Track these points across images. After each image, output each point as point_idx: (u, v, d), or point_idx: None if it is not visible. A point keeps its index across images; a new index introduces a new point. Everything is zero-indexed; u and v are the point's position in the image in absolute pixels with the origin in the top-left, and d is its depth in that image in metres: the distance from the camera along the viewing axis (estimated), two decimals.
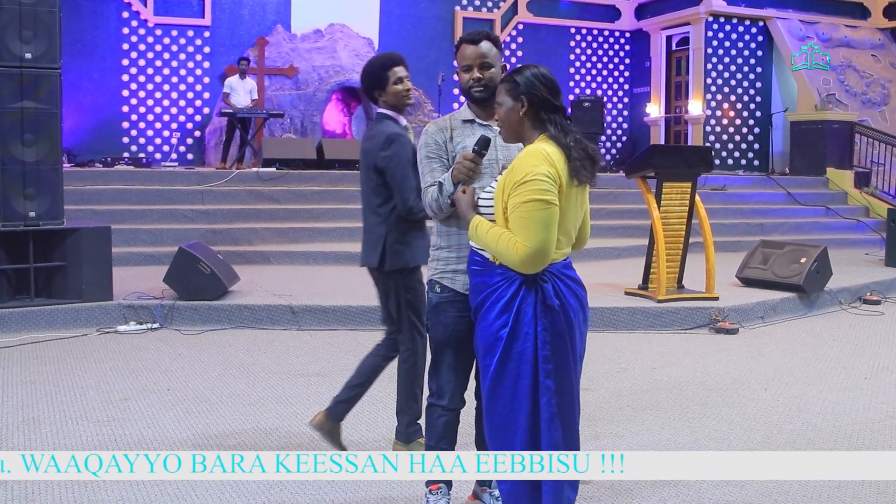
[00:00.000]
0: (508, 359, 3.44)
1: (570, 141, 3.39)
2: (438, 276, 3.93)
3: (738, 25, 19.54)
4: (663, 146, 16.96)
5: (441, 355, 3.94)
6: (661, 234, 8.95)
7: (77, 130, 16.10)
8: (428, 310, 4.02)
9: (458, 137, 3.91)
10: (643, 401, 6.23)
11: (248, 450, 5.05)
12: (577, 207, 3.48)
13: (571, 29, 20.95)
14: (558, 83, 3.53)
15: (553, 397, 3.39)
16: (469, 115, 3.98)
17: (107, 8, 16.89)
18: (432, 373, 3.99)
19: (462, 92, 4.02)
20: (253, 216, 12.71)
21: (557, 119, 3.46)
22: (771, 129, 19.57)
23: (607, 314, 8.64)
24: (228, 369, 6.94)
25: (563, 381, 3.41)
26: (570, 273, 3.52)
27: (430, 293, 3.98)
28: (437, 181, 3.77)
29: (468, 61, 3.95)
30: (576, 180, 3.37)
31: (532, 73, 3.50)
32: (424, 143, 3.93)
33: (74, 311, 8.29)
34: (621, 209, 14.31)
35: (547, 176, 3.29)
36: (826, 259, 9.88)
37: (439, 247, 3.95)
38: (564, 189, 3.34)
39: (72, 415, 5.67)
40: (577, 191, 3.44)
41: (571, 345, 3.44)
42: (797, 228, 15.15)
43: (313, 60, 18.00)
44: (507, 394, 3.44)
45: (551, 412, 3.39)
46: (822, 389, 6.57)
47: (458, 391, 3.98)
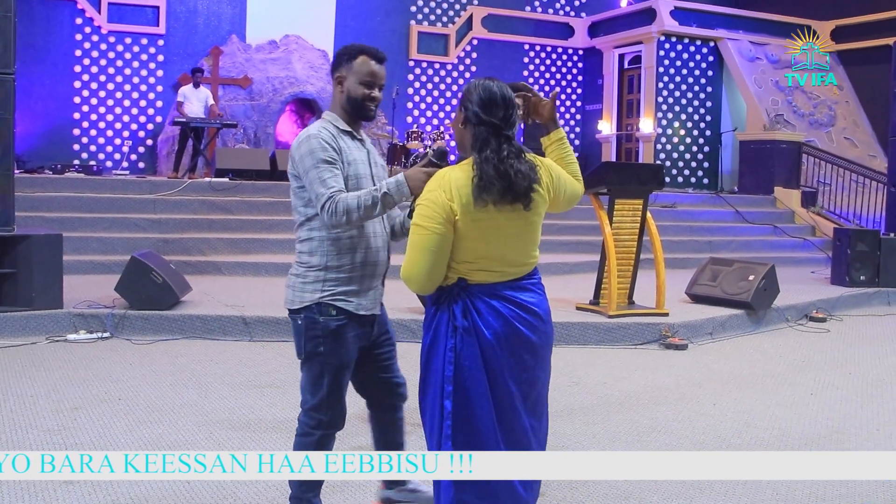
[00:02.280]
0: (428, 373, 3.47)
1: (483, 158, 3.30)
2: (330, 299, 3.81)
3: (690, 45, 19.82)
4: (616, 163, 17.10)
5: (336, 382, 3.86)
6: (612, 250, 9.05)
7: (27, 136, 15.93)
8: (317, 335, 3.81)
9: (346, 149, 3.85)
10: (594, 415, 6.29)
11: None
12: (506, 229, 3.36)
13: (525, 45, 21.13)
14: (502, 97, 3.39)
15: (448, 419, 3.35)
16: (344, 125, 3.92)
17: (60, 14, 16.76)
18: (325, 402, 3.85)
19: (351, 103, 3.89)
20: (205, 226, 12.63)
21: (482, 133, 3.36)
22: (720, 147, 19.88)
23: (559, 329, 8.67)
24: (180, 379, 6.91)
25: (464, 406, 3.33)
26: (513, 296, 3.41)
27: (320, 317, 3.80)
28: (372, 190, 3.65)
29: (371, 78, 3.88)
30: (479, 201, 3.26)
31: (472, 85, 3.45)
32: (321, 146, 3.74)
33: (24, 319, 8.19)
34: (573, 225, 14.41)
35: (432, 202, 3.29)
36: (773, 277, 10.04)
37: (325, 266, 3.81)
38: (468, 212, 3.27)
39: (21, 423, 5.61)
40: (507, 212, 3.32)
41: (491, 371, 3.35)
42: (745, 246, 15.36)
43: (268, 71, 17.98)
44: (428, 405, 3.47)
45: (446, 433, 3.36)
46: (769, 405, 6.68)
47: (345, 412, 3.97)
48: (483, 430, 3.34)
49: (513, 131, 3.43)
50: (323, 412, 3.86)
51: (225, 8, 18.12)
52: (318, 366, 3.82)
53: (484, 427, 3.34)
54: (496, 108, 3.38)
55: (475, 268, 3.37)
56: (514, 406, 3.38)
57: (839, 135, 19.83)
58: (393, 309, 8.75)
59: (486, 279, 3.39)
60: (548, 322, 3.50)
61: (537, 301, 3.47)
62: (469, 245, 3.33)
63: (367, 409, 4.26)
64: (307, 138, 3.77)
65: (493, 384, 3.35)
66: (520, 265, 3.45)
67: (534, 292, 3.47)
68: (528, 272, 3.48)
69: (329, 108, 4.00)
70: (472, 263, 3.37)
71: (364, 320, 3.92)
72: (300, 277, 3.84)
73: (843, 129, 19.97)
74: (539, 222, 3.48)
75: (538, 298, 3.48)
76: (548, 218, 3.76)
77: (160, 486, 4.58)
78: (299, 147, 3.78)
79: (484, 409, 3.34)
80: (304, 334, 3.82)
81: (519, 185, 3.29)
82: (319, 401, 3.85)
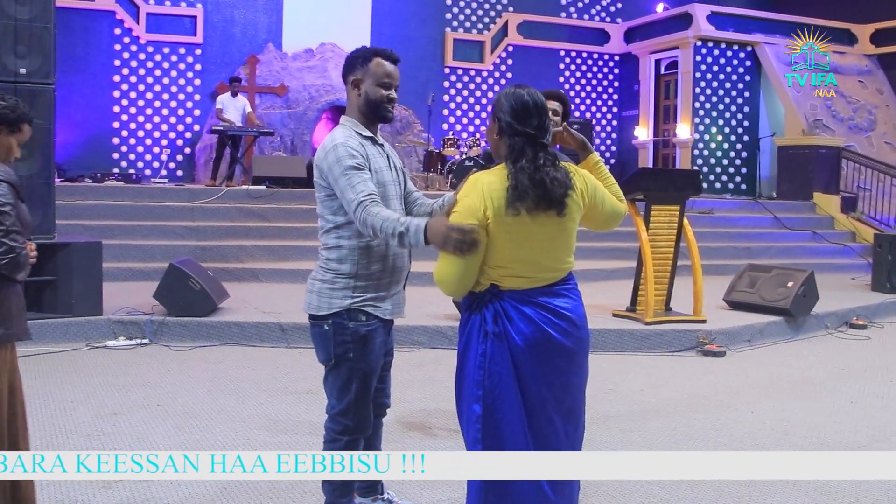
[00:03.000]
0: (461, 377, 3.50)
1: (519, 168, 3.30)
2: (361, 305, 3.82)
3: (727, 50, 19.68)
4: (652, 169, 17.05)
5: (364, 387, 3.87)
6: (649, 257, 9.01)
7: (67, 146, 16.11)
8: (346, 341, 3.82)
9: (371, 157, 3.85)
10: (630, 422, 6.26)
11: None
12: (540, 235, 3.36)
13: (561, 52, 21.08)
14: (535, 105, 3.38)
15: (478, 423, 3.37)
16: (366, 131, 3.92)
17: (99, 24, 16.95)
18: (352, 407, 3.87)
19: (369, 105, 3.90)
20: (242, 233, 12.71)
21: (517, 143, 3.36)
22: (758, 153, 19.71)
23: (595, 336, 8.64)
24: (217, 385, 6.95)
25: (494, 411, 3.35)
26: (546, 301, 3.41)
27: (350, 323, 3.81)
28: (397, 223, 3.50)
29: (388, 79, 3.91)
30: (511, 209, 3.27)
31: (503, 94, 3.45)
32: (349, 154, 3.73)
33: (64, 326, 8.28)
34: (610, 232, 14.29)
35: (465, 207, 3.32)
36: (813, 283, 9.95)
37: (355, 274, 3.81)
38: (500, 218, 3.29)
39: (62, 429, 5.67)
40: (541, 218, 3.33)
41: (522, 376, 3.35)
42: (784, 252, 15.22)
43: (304, 79, 18.07)
44: (463, 409, 3.49)
45: (476, 437, 3.38)
46: (808, 413, 6.62)
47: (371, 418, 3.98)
48: (512, 434, 3.35)
49: (548, 138, 3.42)
50: (350, 417, 3.87)
51: (261, 17, 18.24)
52: (347, 371, 3.84)
53: (513, 431, 3.35)
54: (530, 118, 3.38)
55: (507, 273, 3.38)
56: (546, 411, 3.38)
57: (879, 139, 19.62)
58: (430, 315, 8.84)
59: (518, 285, 3.39)
60: (582, 327, 3.49)
61: (571, 306, 3.46)
62: (501, 250, 3.34)
63: None
64: (334, 147, 3.77)
65: (524, 389, 3.36)
66: (553, 271, 3.45)
67: (568, 297, 3.47)
68: (562, 277, 3.47)
69: (346, 114, 3.99)
70: (504, 269, 3.37)
71: (389, 326, 3.96)
72: (328, 283, 3.84)
73: (883, 133, 19.74)
74: (574, 228, 3.47)
75: (572, 304, 3.47)
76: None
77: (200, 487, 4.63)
78: (326, 157, 3.77)
79: (514, 414, 3.34)
80: (332, 339, 3.83)
81: (555, 192, 3.30)
82: (346, 406, 3.86)
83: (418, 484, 4.81)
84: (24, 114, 3.89)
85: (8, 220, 3.63)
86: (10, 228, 3.63)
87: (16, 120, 3.85)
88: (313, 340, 3.93)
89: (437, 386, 6.98)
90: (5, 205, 3.63)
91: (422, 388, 6.97)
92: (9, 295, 3.73)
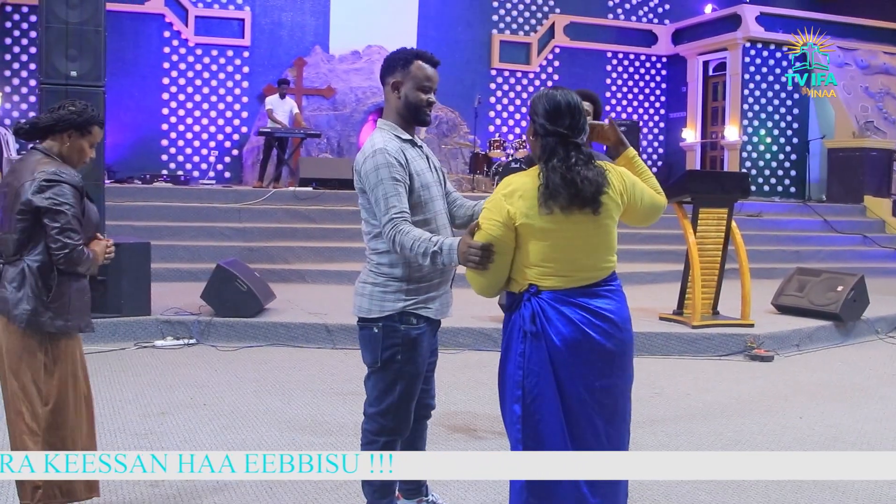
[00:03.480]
0: (503, 377, 3.55)
1: (550, 167, 3.33)
2: (413, 308, 3.81)
3: (776, 51, 19.48)
4: (700, 171, 16.92)
5: (409, 390, 3.86)
6: (696, 260, 8.93)
7: (117, 147, 16.30)
8: (396, 343, 3.80)
9: (411, 160, 3.83)
10: (677, 427, 6.21)
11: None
12: (576, 235, 3.37)
13: (608, 53, 20.98)
14: (567, 105, 3.40)
15: (518, 423, 3.38)
16: (405, 134, 3.90)
17: (149, 27, 17.16)
18: (392, 407, 3.86)
19: (409, 109, 3.88)
20: (289, 235, 12.79)
21: (549, 143, 3.39)
22: (808, 155, 19.47)
23: (641, 339, 8.59)
24: (264, 386, 6.99)
25: (533, 411, 3.36)
26: (586, 302, 3.39)
27: (401, 326, 3.80)
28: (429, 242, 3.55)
29: (428, 83, 3.89)
30: (544, 208, 3.30)
31: (537, 96, 3.48)
32: (387, 162, 3.72)
33: (113, 326, 8.38)
34: (657, 234, 14.26)
35: (493, 206, 3.40)
36: (863, 287, 9.81)
37: (408, 278, 3.80)
38: (532, 218, 3.32)
39: (110, 427, 5.73)
40: (576, 217, 3.34)
41: (560, 377, 3.35)
42: (834, 256, 15.03)
43: (351, 81, 18.15)
44: (506, 410, 3.51)
45: (517, 437, 3.39)
46: (857, 419, 6.53)
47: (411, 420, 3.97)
48: (552, 435, 3.35)
49: (582, 137, 3.42)
50: (389, 418, 3.86)
51: (308, 19, 18.35)
52: (393, 374, 3.83)
53: (553, 432, 3.35)
54: (562, 118, 3.39)
55: (545, 273, 3.38)
56: (585, 412, 3.36)
57: None
58: (475, 317, 8.83)
59: (557, 285, 3.39)
60: (625, 329, 3.46)
61: (614, 308, 3.44)
62: (538, 250, 3.36)
63: None
64: (373, 153, 3.75)
65: (562, 390, 3.35)
66: (593, 270, 3.44)
67: (609, 299, 3.45)
68: (603, 278, 3.46)
69: (383, 117, 3.97)
70: (541, 268, 3.38)
71: (436, 326, 3.96)
72: (380, 287, 3.82)
73: None
74: (612, 227, 3.46)
75: (615, 305, 3.45)
76: (632, 227, 3.73)
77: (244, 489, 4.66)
78: (365, 162, 3.76)
79: (552, 415, 3.34)
80: (381, 342, 3.81)
81: (586, 190, 3.30)
82: (387, 406, 3.85)
83: (462, 486, 4.80)
84: (93, 116, 4.01)
85: (63, 219, 3.80)
86: (65, 227, 3.80)
87: (84, 123, 3.98)
88: (361, 343, 3.92)
89: (483, 388, 6.97)
90: (63, 204, 3.81)
91: (467, 391, 6.97)
92: (69, 289, 3.94)
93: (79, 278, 3.99)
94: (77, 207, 3.86)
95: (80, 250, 3.84)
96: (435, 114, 18.27)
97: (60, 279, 3.90)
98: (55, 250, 3.81)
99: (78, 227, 3.85)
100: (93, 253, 3.97)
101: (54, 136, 3.98)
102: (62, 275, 3.90)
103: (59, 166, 3.90)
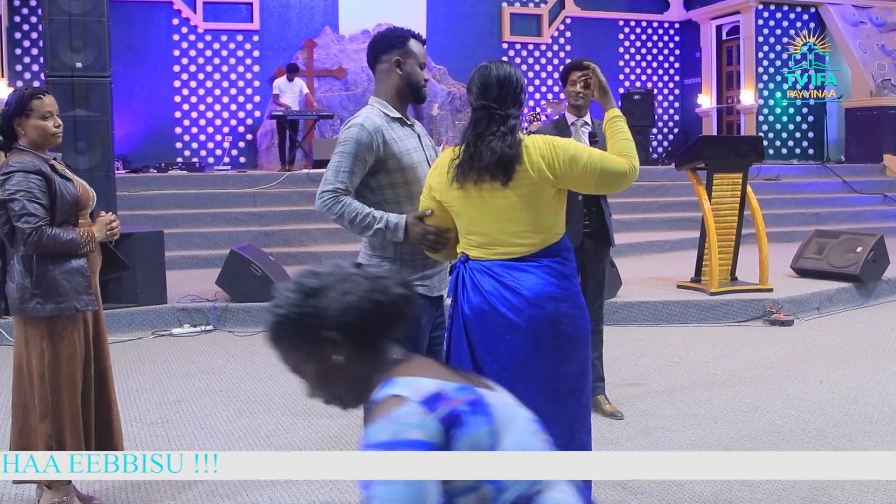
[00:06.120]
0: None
1: (467, 141, 3.40)
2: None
3: (790, 13, 19.25)
4: (713, 137, 16.75)
5: None
6: (712, 226, 8.85)
7: (131, 137, 16.32)
8: None
9: (397, 139, 3.76)
10: (696, 395, 6.17)
11: (298, 449, 5.11)
12: (487, 207, 3.38)
13: (620, 21, 20.77)
14: (497, 78, 3.42)
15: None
16: (395, 112, 3.84)
17: (157, 15, 17.12)
18: None
19: (411, 87, 3.85)
20: (304, 217, 12.77)
21: (477, 116, 3.42)
22: (825, 116, 19.27)
23: (659, 308, 8.56)
24: (280, 370, 6.88)
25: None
26: (501, 273, 3.38)
27: None
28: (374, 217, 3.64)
29: (424, 61, 3.91)
30: (455, 182, 3.37)
31: (474, 70, 3.52)
32: (358, 138, 3.68)
33: (129, 315, 8.40)
34: (672, 202, 14.14)
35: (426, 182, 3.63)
36: (883, 248, 9.70)
37: (400, 257, 3.77)
38: (448, 189, 3.42)
39: (126, 417, 5.71)
40: (486, 189, 3.35)
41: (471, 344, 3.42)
42: (853, 217, 14.89)
43: (362, 61, 17.99)
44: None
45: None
46: (879, 381, 6.47)
47: None
48: None
49: (511, 110, 3.41)
50: None
51: (317, 0, 18.27)
52: None
53: None
54: (489, 90, 3.42)
55: (471, 244, 3.47)
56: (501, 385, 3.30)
57: None
58: None
59: (480, 255, 3.44)
60: (538, 306, 3.34)
61: (531, 283, 3.35)
62: (459, 223, 3.49)
63: None
64: (349, 126, 3.74)
65: (475, 358, 3.41)
66: (512, 245, 3.40)
67: (530, 273, 3.37)
68: (529, 253, 3.40)
69: (375, 94, 3.93)
70: (466, 239, 3.49)
71: (437, 302, 3.90)
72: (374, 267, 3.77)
73: None
74: (531, 202, 3.37)
75: (533, 281, 3.36)
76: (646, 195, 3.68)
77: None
78: (341, 132, 3.79)
79: None
80: None
81: (488, 160, 3.31)
82: None
83: None
84: (23, 95, 4.05)
85: (17, 205, 3.90)
86: (21, 212, 3.91)
87: (21, 108, 4.04)
88: None
89: None
90: (16, 192, 3.92)
91: None
92: (52, 272, 4.00)
93: (66, 260, 4.05)
94: (37, 191, 3.94)
95: (42, 231, 3.92)
96: (448, 90, 18.41)
97: (40, 264, 3.99)
98: (23, 238, 3.93)
99: (36, 211, 3.92)
100: (85, 232, 4.09)
101: (14, 133, 4.07)
102: (41, 259, 3.99)
103: (19, 156, 4.00)
